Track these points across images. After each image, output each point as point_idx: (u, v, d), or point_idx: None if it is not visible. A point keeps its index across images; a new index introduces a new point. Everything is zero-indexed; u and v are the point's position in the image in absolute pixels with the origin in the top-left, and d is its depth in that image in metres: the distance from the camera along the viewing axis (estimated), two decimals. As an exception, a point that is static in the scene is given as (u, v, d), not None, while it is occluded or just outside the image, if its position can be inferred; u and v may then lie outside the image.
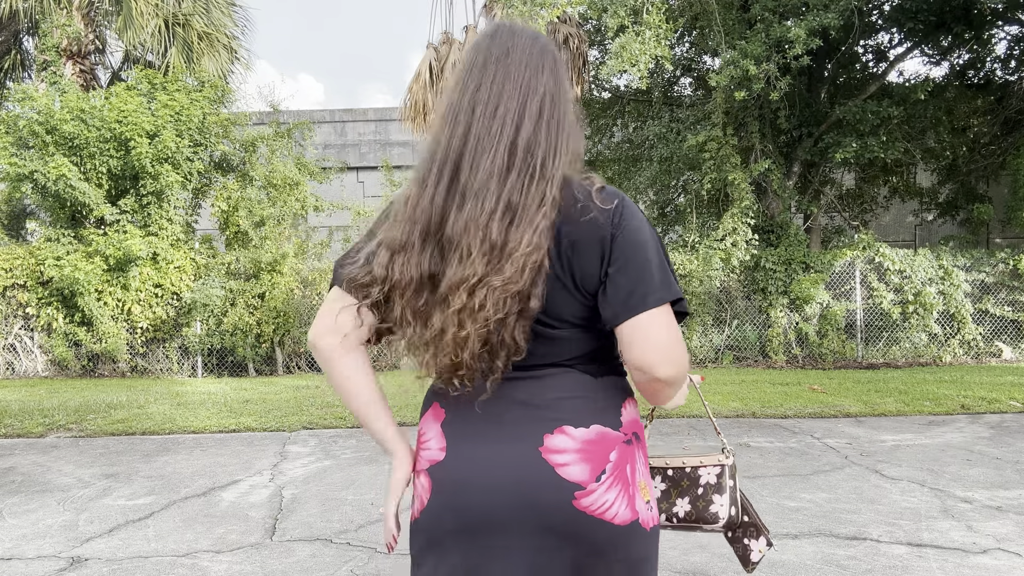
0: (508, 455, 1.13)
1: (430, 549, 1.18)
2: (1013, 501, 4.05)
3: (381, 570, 3.22)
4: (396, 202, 1.18)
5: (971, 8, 10.49)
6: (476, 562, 1.14)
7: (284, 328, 10.66)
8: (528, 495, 1.11)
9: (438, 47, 12.09)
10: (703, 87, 12.86)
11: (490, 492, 1.12)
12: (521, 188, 1.08)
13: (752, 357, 10.76)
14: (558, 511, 1.11)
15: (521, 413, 1.15)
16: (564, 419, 1.14)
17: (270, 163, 11.20)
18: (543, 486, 1.11)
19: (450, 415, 1.20)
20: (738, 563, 3.20)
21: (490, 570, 1.14)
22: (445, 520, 1.15)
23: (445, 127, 1.14)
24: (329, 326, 1.20)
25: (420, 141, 12.78)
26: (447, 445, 1.18)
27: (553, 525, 1.11)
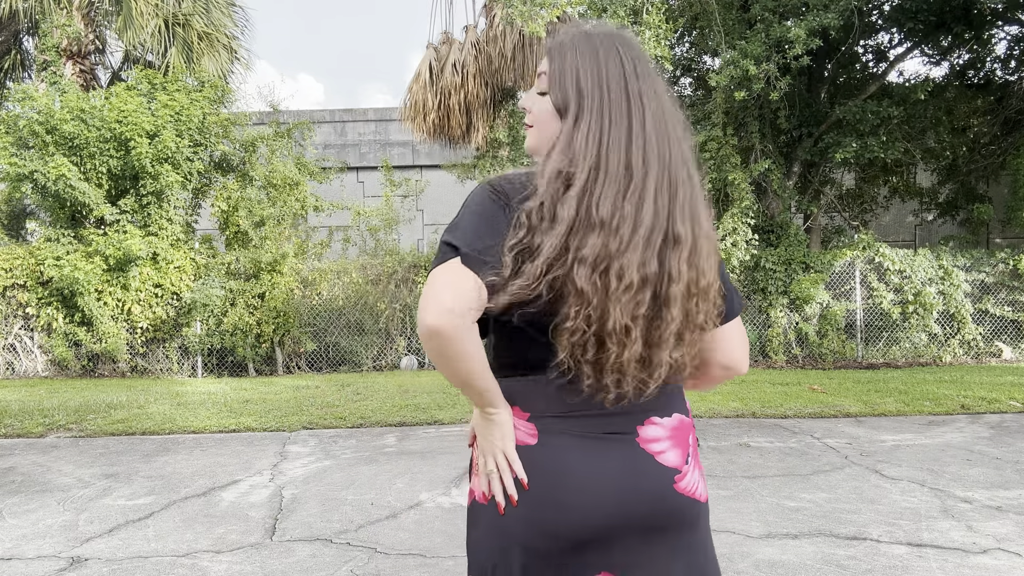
0: (608, 450, 1.16)
1: (519, 546, 1.15)
2: (1013, 501, 4.05)
3: (381, 570, 3.22)
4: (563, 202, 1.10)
5: (971, 8, 10.48)
6: (580, 564, 1.15)
7: (284, 328, 10.67)
8: (636, 487, 1.16)
9: (438, 47, 12.10)
10: (703, 87, 12.86)
11: (593, 490, 1.13)
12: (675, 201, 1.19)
13: (752, 357, 10.76)
14: (662, 497, 1.17)
15: (607, 410, 1.17)
16: (650, 410, 1.20)
17: (270, 163, 11.20)
18: (647, 475, 1.17)
19: (537, 413, 1.18)
20: (738, 563, 3.22)
21: (599, 569, 1.16)
22: (546, 522, 1.13)
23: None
24: (458, 306, 1.07)
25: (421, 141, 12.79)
26: (539, 433, 1.17)
27: (660, 513, 1.17)
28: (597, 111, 1.13)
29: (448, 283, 1.08)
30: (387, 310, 10.89)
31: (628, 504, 1.14)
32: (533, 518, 1.13)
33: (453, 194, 16.06)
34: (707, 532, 1.26)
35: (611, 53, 1.17)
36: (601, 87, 1.14)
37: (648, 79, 1.18)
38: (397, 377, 9.78)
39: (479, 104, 11.69)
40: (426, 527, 3.77)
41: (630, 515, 1.14)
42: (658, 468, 1.17)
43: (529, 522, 1.14)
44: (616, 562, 1.16)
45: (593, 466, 1.14)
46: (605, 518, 1.13)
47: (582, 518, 1.12)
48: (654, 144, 1.14)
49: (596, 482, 1.13)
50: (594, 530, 1.13)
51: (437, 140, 12.57)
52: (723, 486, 4.44)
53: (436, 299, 1.07)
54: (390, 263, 11.07)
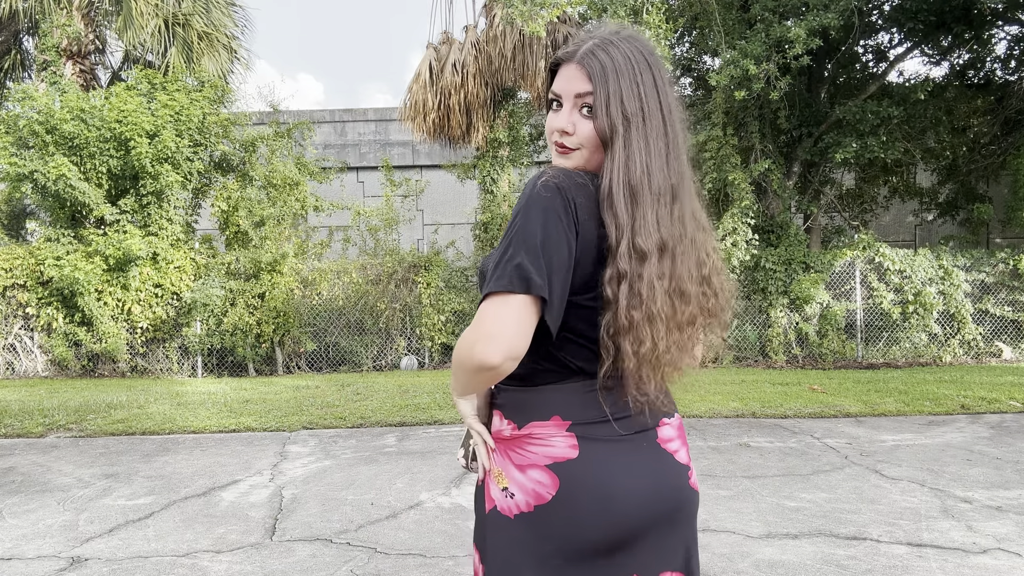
0: (639, 451, 1.21)
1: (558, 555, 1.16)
2: (1013, 501, 4.05)
3: (381, 570, 3.22)
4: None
5: (971, 8, 10.48)
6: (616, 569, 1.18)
7: (284, 328, 10.67)
8: (665, 485, 1.21)
9: (438, 47, 12.09)
10: (703, 87, 12.86)
11: (635, 493, 1.18)
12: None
13: (752, 357, 10.76)
14: (683, 494, 1.24)
15: (631, 414, 1.22)
16: (662, 411, 1.26)
17: (270, 163, 11.20)
18: (670, 473, 1.23)
19: (577, 423, 1.19)
20: (738, 563, 3.21)
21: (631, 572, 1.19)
22: (584, 530, 1.15)
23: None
24: (523, 351, 1.10)
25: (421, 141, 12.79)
26: (579, 443, 1.18)
27: (679, 508, 1.23)
28: (643, 134, 1.16)
29: (521, 327, 1.08)
30: (387, 310, 10.88)
31: (659, 503, 1.20)
32: (573, 530, 1.15)
33: (453, 194, 16.06)
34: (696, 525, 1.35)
35: (643, 68, 1.19)
36: (643, 110, 1.17)
37: (670, 88, 1.22)
38: (397, 377, 9.78)
39: (479, 104, 11.69)
40: (426, 527, 3.77)
41: (659, 512, 1.20)
42: (677, 466, 1.25)
43: (567, 536, 1.15)
44: (642, 561, 1.20)
45: (631, 470, 1.19)
46: (640, 519, 1.17)
47: (622, 520, 1.16)
48: (683, 158, 1.21)
49: (635, 486, 1.18)
50: (629, 531, 1.17)
51: (437, 140, 12.56)
52: (723, 486, 4.44)
53: (508, 343, 1.07)
54: (390, 263, 11.07)
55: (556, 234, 1.09)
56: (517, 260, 1.07)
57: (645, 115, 1.16)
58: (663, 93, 1.19)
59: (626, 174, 1.13)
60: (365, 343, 10.95)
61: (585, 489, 1.15)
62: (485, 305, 1.10)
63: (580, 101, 1.19)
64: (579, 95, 1.19)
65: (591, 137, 1.18)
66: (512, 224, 1.11)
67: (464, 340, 1.12)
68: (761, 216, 11.04)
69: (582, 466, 1.16)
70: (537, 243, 1.08)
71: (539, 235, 1.08)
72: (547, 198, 1.10)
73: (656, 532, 1.20)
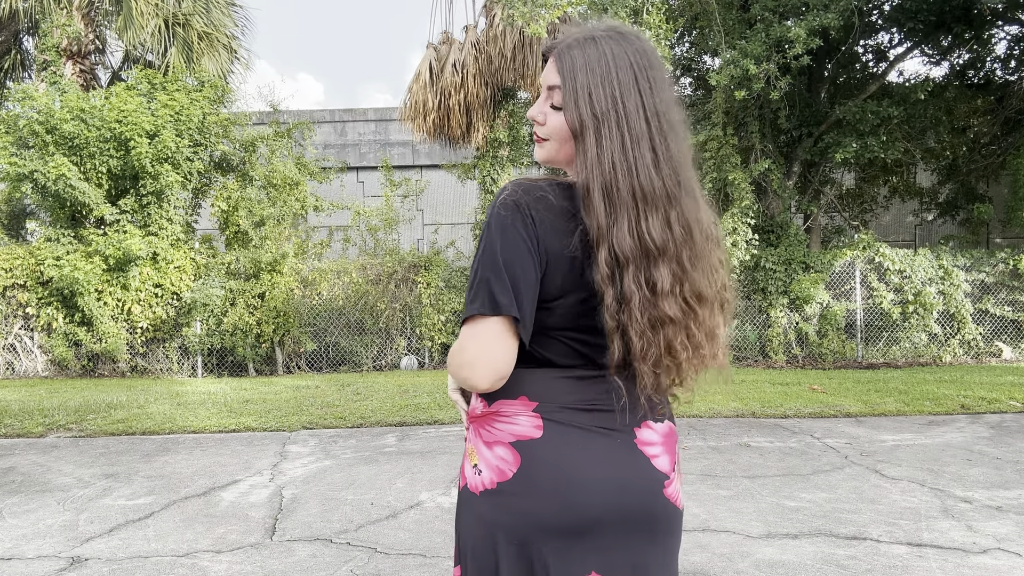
0: (611, 445, 1.18)
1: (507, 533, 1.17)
2: (1013, 501, 4.05)
3: (381, 570, 3.22)
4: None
5: (971, 8, 10.49)
6: (565, 559, 1.16)
7: (284, 328, 10.67)
8: (633, 486, 1.18)
9: (438, 47, 12.10)
10: (703, 87, 12.86)
11: (598, 483, 1.15)
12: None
13: (752, 357, 10.76)
14: (652, 500, 1.19)
15: (612, 408, 1.20)
16: (646, 414, 1.22)
17: (270, 163, 11.20)
18: (642, 475, 1.19)
19: (544, 404, 1.19)
20: (738, 563, 3.22)
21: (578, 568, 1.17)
22: (541, 512, 1.15)
23: None
24: (509, 369, 1.14)
25: (421, 141, 12.80)
26: (544, 425, 1.18)
27: (647, 515, 1.19)
28: (618, 135, 1.12)
29: (502, 349, 1.11)
30: (387, 310, 10.88)
31: (622, 500, 1.16)
32: (530, 508, 1.15)
33: (453, 194, 16.06)
34: (679, 540, 1.29)
35: (624, 67, 1.15)
36: (617, 110, 1.13)
37: (662, 91, 1.16)
38: (397, 377, 9.78)
39: (479, 104, 11.69)
40: (426, 527, 3.77)
41: (622, 511, 1.16)
42: (652, 471, 1.20)
43: (525, 513, 1.15)
44: (603, 561, 1.17)
45: (595, 460, 1.16)
46: (600, 511, 1.14)
47: (581, 510, 1.14)
48: (678, 163, 1.15)
49: (596, 475, 1.15)
50: (587, 522, 1.14)
51: (437, 140, 12.56)
52: (723, 486, 4.44)
53: (492, 367, 1.12)
54: (390, 263, 11.07)
55: (518, 252, 1.11)
56: (485, 282, 1.11)
57: (620, 115, 1.13)
58: (648, 95, 1.14)
59: (600, 173, 1.12)
60: (365, 343, 10.95)
61: (544, 470, 1.15)
62: (464, 330, 1.13)
63: (549, 94, 1.21)
64: (550, 87, 1.21)
65: (559, 129, 1.19)
66: (479, 245, 1.14)
67: (452, 360, 1.16)
68: (761, 216, 11.04)
69: (544, 447, 1.16)
70: (501, 264, 1.10)
71: (502, 255, 1.10)
72: (505, 216, 1.12)
73: (624, 535, 1.16)
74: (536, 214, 1.12)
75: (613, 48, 1.17)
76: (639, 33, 1.22)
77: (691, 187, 1.16)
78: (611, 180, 1.11)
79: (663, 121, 1.15)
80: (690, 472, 4.76)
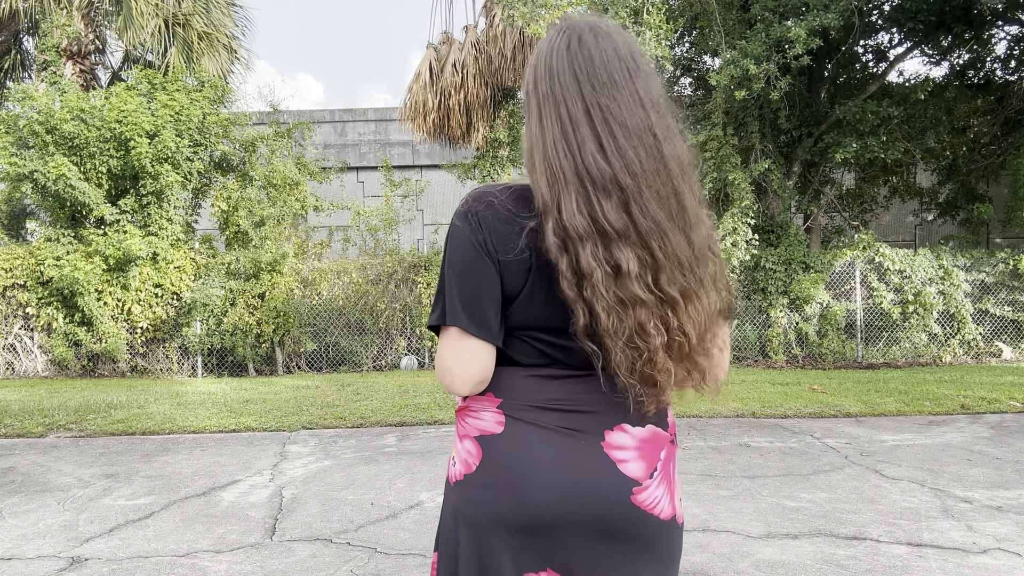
0: (571, 447, 1.16)
1: (468, 524, 1.18)
2: (1013, 501, 4.05)
3: (381, 570, 3.22)
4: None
5: (971, 8, 10.49)
6: (519, 555, 1.16)
7: (284, 328, 10.67)
8: (591, 489, 1.15)
9: (438, 47, 12.10)
10: (703, 87, 12.86)
11: (552, 483, 1.14)
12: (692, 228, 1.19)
13: (752, 357, 10.76)
14: (617, 506, 1.15)
15: (581, 409, 1.18)
16: (623, 417, 1.18)
17: (270, 163, 11.21)
18: (606, 480, 1.15)
19: (508, 401, 1.20)
20: (738, 563, 3.22)
21: (533, 564, 1.16)
22: (497, 506, 1.16)
23: None
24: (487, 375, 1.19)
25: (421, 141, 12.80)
26: (506, 422, 1.19)
27: (610, 520, 1.15)
28: (554, 118, 1.12)
29: (474, 357, 1.16)
30: (387, 310, 10.88)
31: (578, 503, 1.14)
32: (488, 501, 1.16)
33: (453, 194, 16.06)
34: (669, 554, 1.22)
35: (560, 56, 1.14)
36: (555, 93, 1.12)
37: (616, 90, 1.12)
38: (397, 377, 9.78)
39: (479, 104, 11.69)
40: (426, 527, 3.77)
41: (579, 514, 1.14)
42: (616, 475, 1.15)
43: (482, 504, 1.17)
44: (561, 561, 1.16)
45: (552, 459, 1.15)
46: (554, 512, 1.13)
47: (533, 508, 1.14)
48: (630, 152, 1.09)
49: (551, 475, 1.14)
50: (542, 522, 1.14)
51: (437, 140, 12.57)
52: (723, 486, 4.44)
53: (468, 374, 1.17)
54: (390, 263, 11.07)
55: (470, 261, 1.14)
56: (441, 293, 1.18)
57: (559, 99, 1.12)
58: (589, 89, 1.11)
59: (542, 147, 1.12)
60: (365, 343, 10.95)
61: (501, 466, 1.17)
62: (440, 339, 1.19)
63: None
64: None
65: None
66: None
67: (436, 366, 1.22)
68: (761, 216, 11.05)
69: (503, 443, 1.18)
70: (455, 274, 1.15)
71: (456, 266, 1.15)
72: (458, 227, 1.16)
73: (588, 540, 1.15)
74: (484, 220, 1.14)
75: (557, 38, 1.17)
76: (617, 34, 1.17)
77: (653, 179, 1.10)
78: (553, 155, 1.11)
79: (608, 117, 1.10)
80: (690, 472, 4.76)
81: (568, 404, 1.18)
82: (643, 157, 1.10)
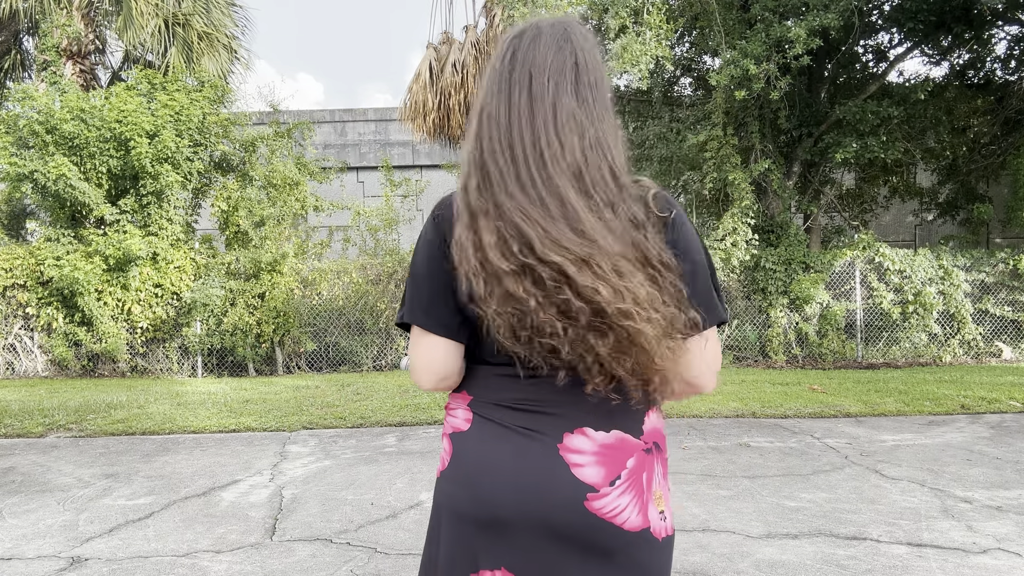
0: (527, 448, 1.15)
1: (444, 516, 1.23)
2: (1013, 501, 4.06)
3: (381, 570, 3.22)
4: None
5: (971, 8, 10.49)
6: (479, 551, 1.16)
7: (284, 328, 10.67)
8: (543, 490, 1.13)
9: (438, 47, 12.10)
10: (703, 87, 12.86)
11: (505, 482, 1.14)
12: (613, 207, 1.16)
13: (752, 357, 10.76)
14: (568, 511, 1.12)
15: (544, 410, 1.17)
16: (587, 421, 1.15)
17: (270, 163, 11.20)
18: (557, 483, 1.12)
19: (477, 399, 1.23)
20: (738, 563, 3.22)
21: (490, 562, 1.16)
22: (460, 500, 1.19)
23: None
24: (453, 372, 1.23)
25: (421, 141, 12.80)
26: (473, 419, 1.22)
27: (561, 524, 1.12)
28: (488, 111, 1.17)
29: (437, 354, 1.20)
30: (387, 310, 10.89)
31: (529, 503, 1.12)
32: (454, 495, 1.20)
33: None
34: (642, 569, 1.15)
35: (498, 55, 1.19)
36: (486, 90, 1.18)
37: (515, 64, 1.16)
38: (397, 377, 9.78)
39: (479, 104, 11.69)
40: (426, 527, 3.76)
41: (531, 516, 1.12)
42: (569, 479, 1.12)
43: (450, 497, 1.21)
44: (516, 561, 1.15)
45: (507, 458, 1.15)
46: (506, 511, 1.13)
47: (487, 505, 1.15)
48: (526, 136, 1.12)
49: (503, 475, 1.14)
50: (496, 520, 1.14)
51: (437, 140, 12.57)
52: (723, 486, 4.44)
53: (431, 370, 1.21)
54: (390, 263, 11.07)
55: (427, 262, 1.20)
56: (405, 293, 1.23)
57: (490, 95, 1.18)
58: (504, 75, 1.17)
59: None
60: (365, 343, 10.95)
61: (463, 463, 1.20)
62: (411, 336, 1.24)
63: None
64: None
65: None
66: None
67: None
68: (761, 216, 11.05)
69: (468, 440, 1.21)
70: (415, 275, 1.21)
71: (417, 267, 1.21)
72: (426, 229, 1.22)
73: (538, 541, 1.13)
74: (445, 223, 1.19)
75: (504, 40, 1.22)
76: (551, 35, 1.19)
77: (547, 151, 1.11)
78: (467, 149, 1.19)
79: (521, 94, 1.15)
80: (690, 472, 4.76)
81: (530, 404, 1.17)
82: (523, 142, 1.13)
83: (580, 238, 1.07)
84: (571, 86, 1.15)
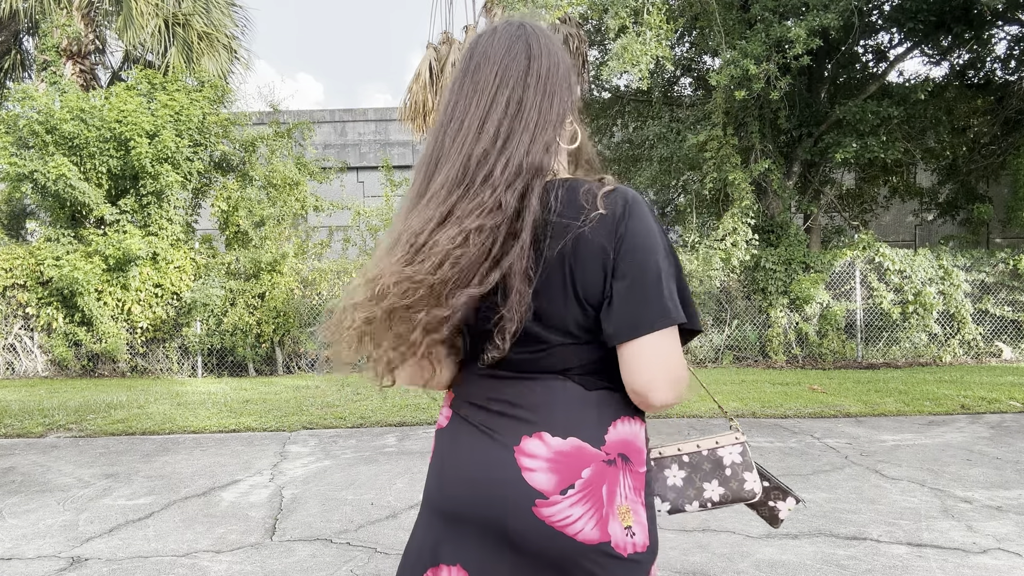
0: (486, 447, 1.16)
1: (422, 507, 1.26)
2: (1013, 501, 4.05)
3: (381, 570, 3.22)
4: None
5: (971, 8, 10.49)
6: (442, 543, 1.19)
7: (284, 328, 10.67)
8: (493, 491, 1.12)
9: (438, 47, 12.10)
10: (703, 87, 12.87)
11: (462, 478, 1.17)
12: (463, 196, 1.10)
13: (752, 357, 10.76)
14: (516, 515, 1.09)
15: (507, 412, 1.16)
16: (544, 426, 1.12)
17: (270, 163, 11.20)
18: (507, 486, 1.11)
19: (457, 398, 1.26)
20: (738, 563, 3.21)
21: (449, 557, 1.18)
22: (431, 492, 1.23)
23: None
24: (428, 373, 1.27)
25: (421, 141, 12.79)
26: (451, 416, 1.25)
27: (508, 527, 1.11)
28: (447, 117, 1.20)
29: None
30: (387, 310, 10.87)
31: (479, 502, 1.13)
32: (428, 486, 1.24)
33: (453, 194, 16.05)
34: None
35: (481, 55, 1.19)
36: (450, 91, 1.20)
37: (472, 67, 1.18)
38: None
39: (479, 104, 11.68)
40: (426, 527, 3.76)
41: (481, 514, 1.12)
42: (519, 483, 1.09)
43: (427, 489, 1.24)
44: (470, 560, 1.15)
45: (466, 456, 1.18)
46: (461, 507, 1.15)
47: (447, 501, 1.18)
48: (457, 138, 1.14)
49: (461, 472, 1.17)
50: (454, 515, 1.17)
51: (437, 140, 12.55)
52: (723, 486, 4.43)
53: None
54: (390, 263, 11.06)
55: None
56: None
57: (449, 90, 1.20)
58: (462, 81, 1.18)
59: None
60: (365, 343, 10.94)
61: (437, 458, 1.23)
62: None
63: None
64: None
65: None
66: None
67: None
68: (761, 216, 11.05)
69: (443, 436, 1.24)
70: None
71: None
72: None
73: (487, 540, 1.13)
74: None
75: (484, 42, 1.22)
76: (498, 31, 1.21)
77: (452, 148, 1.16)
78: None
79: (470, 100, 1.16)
80: (690, 472, 4.76)
81: (497, 405, 1.16)
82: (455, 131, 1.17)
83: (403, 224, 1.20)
84: (520, 76, 1.15)
